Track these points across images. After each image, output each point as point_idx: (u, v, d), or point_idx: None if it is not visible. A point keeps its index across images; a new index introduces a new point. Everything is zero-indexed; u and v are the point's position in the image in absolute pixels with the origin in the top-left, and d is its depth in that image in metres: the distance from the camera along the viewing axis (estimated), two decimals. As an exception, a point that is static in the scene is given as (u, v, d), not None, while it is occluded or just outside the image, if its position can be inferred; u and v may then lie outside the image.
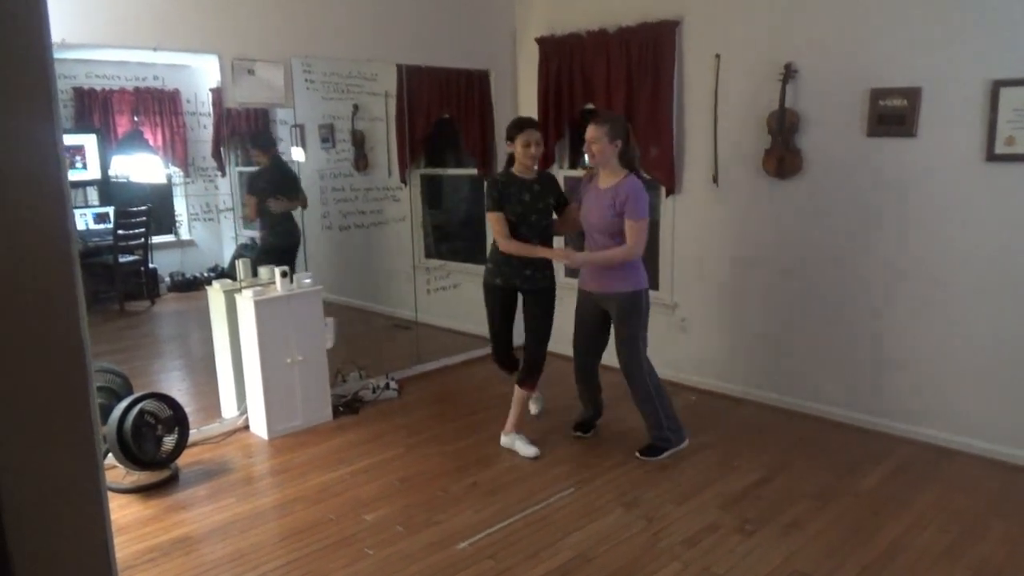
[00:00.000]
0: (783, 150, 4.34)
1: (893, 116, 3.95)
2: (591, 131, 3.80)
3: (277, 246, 4.69)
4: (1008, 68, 3.58)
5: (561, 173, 5.58)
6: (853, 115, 4.10)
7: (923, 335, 4.03)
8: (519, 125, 3.89)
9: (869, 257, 4.16)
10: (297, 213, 4.74)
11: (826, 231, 4.31)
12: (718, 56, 4.58)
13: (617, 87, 4.94)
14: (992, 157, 3.67)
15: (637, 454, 3.95)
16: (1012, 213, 3.66)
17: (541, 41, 5.39)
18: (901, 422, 4.15)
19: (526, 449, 3.98)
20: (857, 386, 4.30)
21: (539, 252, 3.85)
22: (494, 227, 3.90)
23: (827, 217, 4.29)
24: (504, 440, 4.10)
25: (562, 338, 4.33)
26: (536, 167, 3.93)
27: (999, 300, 3.76)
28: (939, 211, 3.89)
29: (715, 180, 4.73)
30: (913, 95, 3.86)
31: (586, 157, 3.91)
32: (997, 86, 3.60)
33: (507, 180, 3.89)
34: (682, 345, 5.06)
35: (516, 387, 4.06)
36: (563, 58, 5.25)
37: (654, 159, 4.89)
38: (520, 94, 5.76)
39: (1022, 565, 2.91)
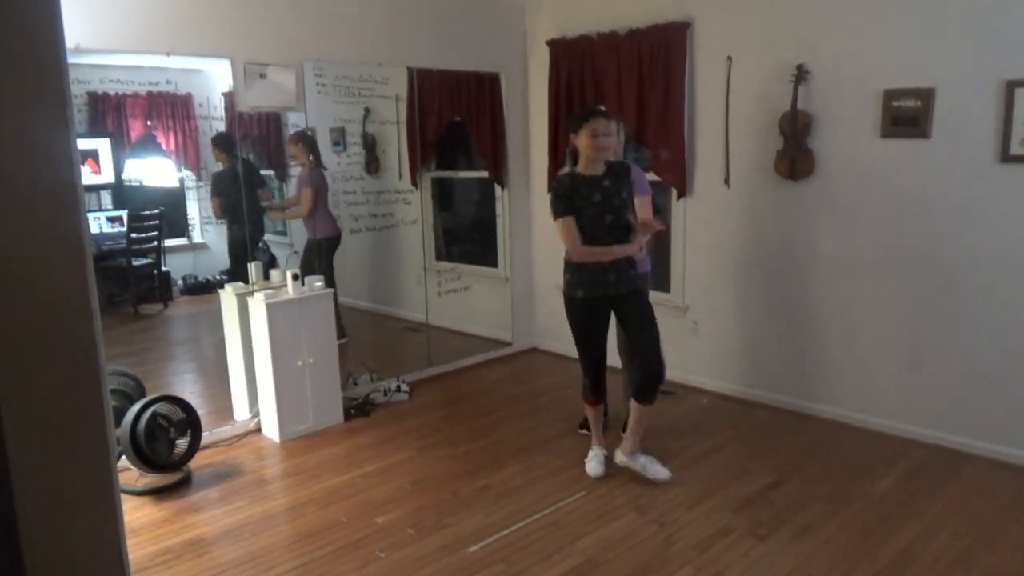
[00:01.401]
0: (795, 152, 4.32)
1: (907, 117, 3.92)
2: (609, 126, 3.53)
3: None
4: (1022, 68, 3.54)
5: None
6: (866, 116, 4.07)
7: (937, 337, 4.00)
8: (585, 115, 3.55)
9: (882, 259, 4.13)
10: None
11: (838, 233, 4.28)
12: (729, 58, 4.57)
13: (628, 89, 4.93)
14: (1007, 158, 3.64)
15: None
16: (1027, 215, 3.64)
17: (552, 43, 5.39)
18: (915, 425, 4.12)
19: (658, 471, 3.66)
20: (870, 389, 4.27)
21: (616, 252, 3.48)
22: (564, 235, 3.51)
23: (840, 219, 4.26)
24: (624, 460, 3.74)
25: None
26: (604, 160, 3.54)
27: (1014, 302, 3.73)
28: (953, 213, 3.86)
29: (727, 182, 4.71)
30: (927, 96, 3.84)
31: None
32: (1012, 86, 3.57)
33: (572, 181, 3.52)
34: (694, 347, 5.04)
35: (633, 402, 3.67)
36: (574, 60, 5.24)
37: (665, 161, 4.88)
38: (531, 97, 5.76)
39: (1039, 570, 2.88)
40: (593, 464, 3.79)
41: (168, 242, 4.81)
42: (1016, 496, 3.48)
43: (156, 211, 4.76)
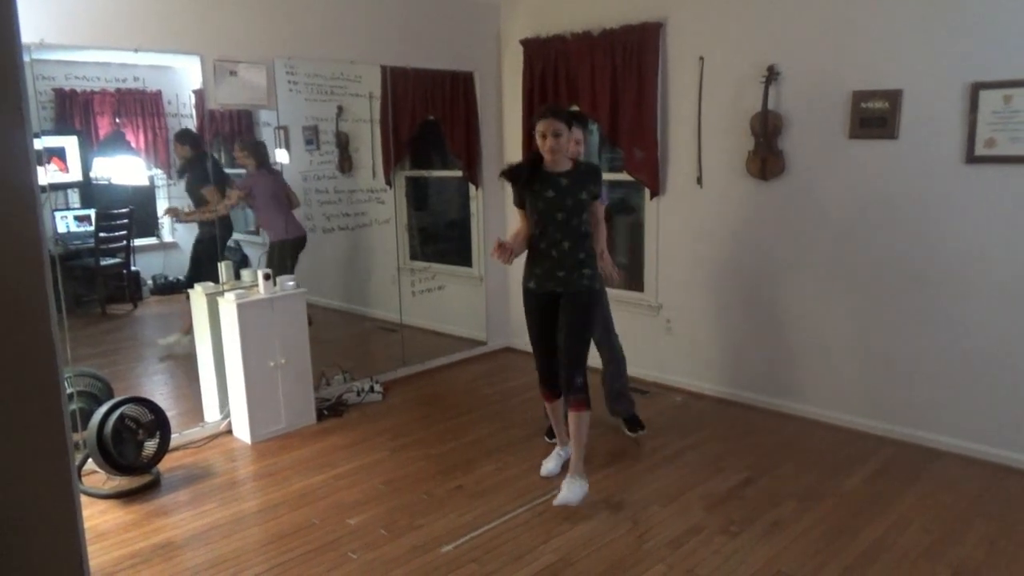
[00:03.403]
0: (766, 152, 4.36)
1: (875, 118, 3.97)
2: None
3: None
4: (987, 71, 3.61)
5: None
6: (835, 117, 4.12)
7: (906, 335, 4.05)
8: (540, 113, 3.46)
9: (851, 258, 4.18)
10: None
11: (809, 232, 4.33)
12: (702, 58, 4.60)
13: (601, 89, 4.95)
14: (972, 159, 3.70)
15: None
16: (992, 214, 3.69)
17: (526, 43, 5.39)
18: (885, 422, 4.17)
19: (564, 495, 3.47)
20: (841, 387, 4.33)
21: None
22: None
23: (810, 219, 4.31)
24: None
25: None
26: (569, 158, 3.49)
27: (980, 300, 3.79)
28: (920, 212, 3.92)
29: (699, 182, 4.74)
30: (894, 97, 3.89)
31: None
32: (976, 88, 3.63)
33: (531, 171, 3.47)
34: (667, 346, 5.07)
35: (569, 412, 3.54)
36: (547, 60, 5.25)
37: (638, 161, 4.90)
38: (505, 96, 5.75)
39: (1002, 564, 2.93)
40: (549, 464, 3.74)
41: (137, 241, 4.74)
42: (982, 491, 3.54)
43: (125, 210, 4.69)
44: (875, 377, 4.19)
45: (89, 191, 4.48)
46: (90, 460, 3.66)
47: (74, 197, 4.51)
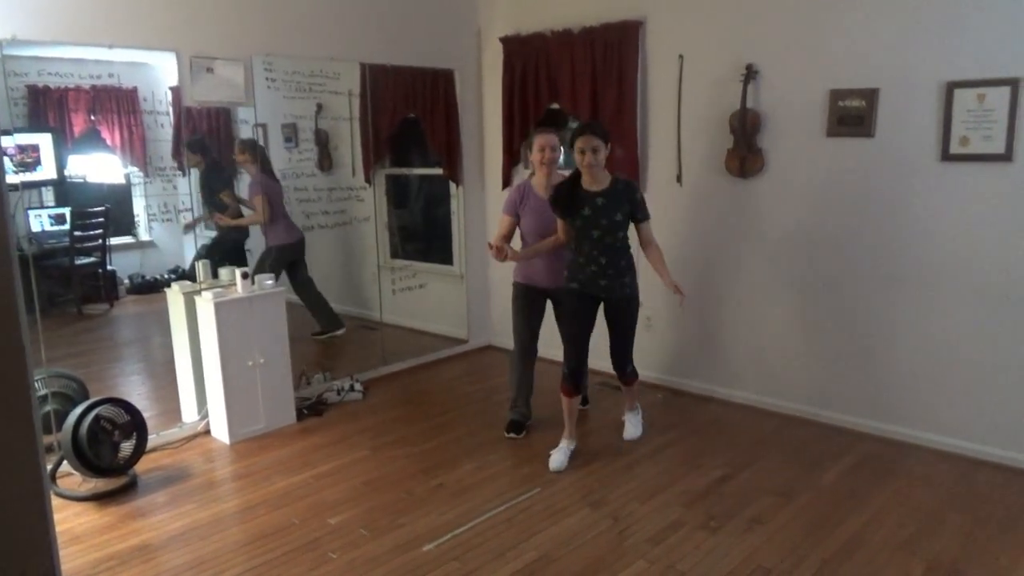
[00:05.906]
0: (745, 150, 4.38)
1: (852, 116, 4.01)
2: (552, 139, 3.90)
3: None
4: (961, 70, 3.65)
5: (525, 174, 5.58)
6: (813, 116, 4.15)
7: (882, 332, 4.10)
8: (578, 130, 3.68)
9: (829, 256, 4.22)
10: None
11: (787, 230, 4.36)
12: (681, 57, 4.62)
13: (582, 87, 4.95)
14: (947, 157, 3.75)
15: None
16: (966, 212, 3.74)
17: (505, 41, 5.38)
18: (862, 418, 4.22)
19: (628, 430, 4.17)
20: (819, 383, 4.36)
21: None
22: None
23: (788, 216, 4.34)
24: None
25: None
26: (607, 174, 3.72)
27: (954, 296, 3.84)
28: (897, 210, 3.96)
29: (679, 180, 4.76)
30: (871, 96, 3.93)
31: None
32: (951, 87, 3.68)
33: (571, 191, 3.69)
34: (648, 343, 5.08)
35: (628, 386, 4.15)
36: (528, 58, 5.25)
37: (619, 159, 4.91)
38: (485, 94, 5.75)
39: (977, 557, 2.97)
40: (558, 456, 3.84)
41: (113, 240, 4.68)
42: (956, 484, 3.59)
43: (101, 208, 4.63)
44: (850, 373, 4.23)
45: (64, 189, 4.43)
46: (65, 462, 3.61)
47: (48, 195, 4.45)
